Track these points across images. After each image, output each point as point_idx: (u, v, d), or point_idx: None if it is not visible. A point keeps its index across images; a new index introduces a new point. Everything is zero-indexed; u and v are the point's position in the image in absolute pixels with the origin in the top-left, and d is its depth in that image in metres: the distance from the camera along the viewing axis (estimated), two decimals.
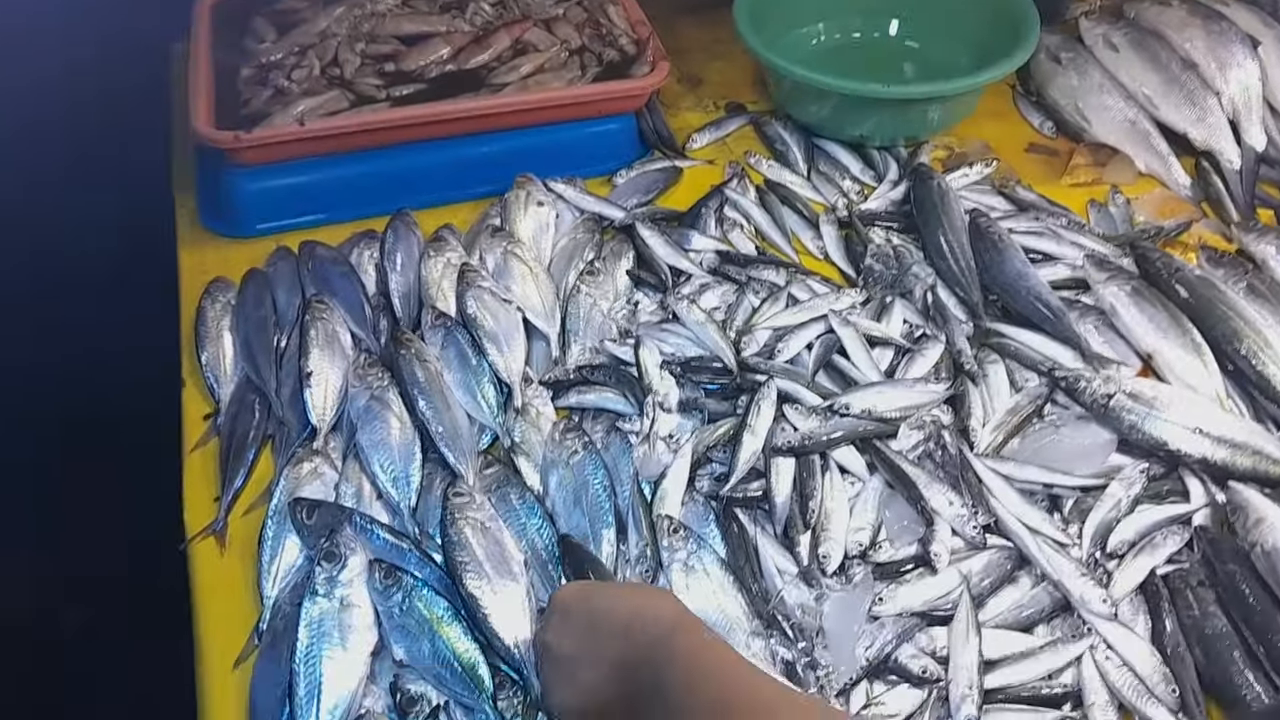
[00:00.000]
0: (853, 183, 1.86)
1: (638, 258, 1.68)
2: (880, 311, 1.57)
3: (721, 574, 1.22)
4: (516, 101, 1.75)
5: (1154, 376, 1.44)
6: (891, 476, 1.33)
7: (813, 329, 1.53)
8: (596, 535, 1.27)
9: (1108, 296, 1.50)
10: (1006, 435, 1.40)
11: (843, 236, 1.75)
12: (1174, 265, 1.52)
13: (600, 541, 1.27)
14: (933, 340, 1.50)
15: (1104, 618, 1.19)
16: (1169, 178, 1.85)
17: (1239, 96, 1.89)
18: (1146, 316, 1.46)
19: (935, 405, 1.41)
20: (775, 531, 1.30)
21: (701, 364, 1.48)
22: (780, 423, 1.39)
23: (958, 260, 1.63)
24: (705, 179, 1.88)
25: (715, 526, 1.30)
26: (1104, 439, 1.37)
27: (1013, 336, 1.52)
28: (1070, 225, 1.72)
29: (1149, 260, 1.55)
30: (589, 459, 1.33)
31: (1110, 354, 1.47)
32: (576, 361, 1.51)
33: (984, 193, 1.82)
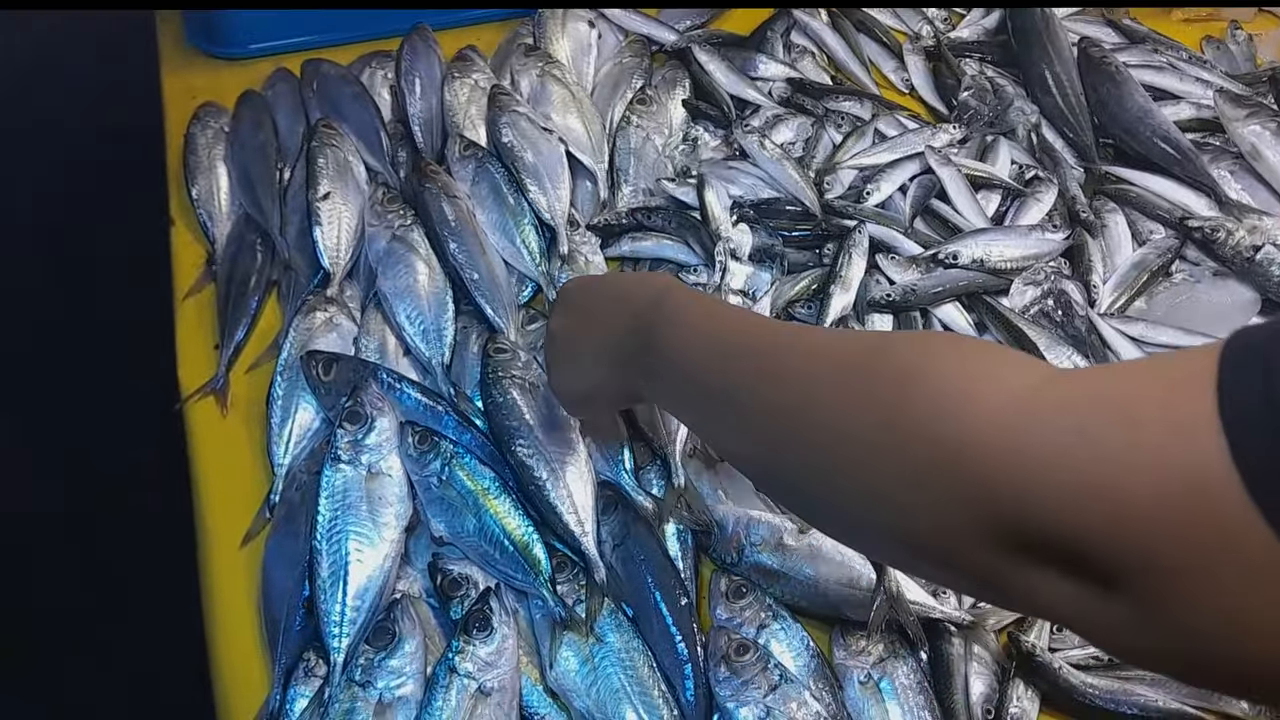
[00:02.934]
0: (939, 8, 1.64)
1: (695, 86, 1.47)
2: (982, 152, 1.37)
3: None
4: None
5: None
6: (1006, 337, 1.16)
7: (907, 168, 1.33)
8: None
9: (1249, 136, 1.31)
10: (1132, 294, 1.22)
11: (930, 68, 1.54)
12: None
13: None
14: (1047, 183, 1.31)
15: None
16: None
17: None
18: None
19: (1053, 257, 1.23)
20: None
21: (778, 207, 1.29)
22: (874, 274, 1.21)
23: (1066, 96, 1.42)
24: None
25: None
26: (1247, 298, 1.20)
27: (1135, 181, 1.33)
28: (1192, 60, 1.51)
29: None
30: None
31: (1251, 202, 1.28)
32: (629, 204, 1.31)
33: (1090, 23, 1.60)
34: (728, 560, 1.02)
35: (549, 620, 0.97)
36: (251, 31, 1.55)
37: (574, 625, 0.96)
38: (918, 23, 1.61)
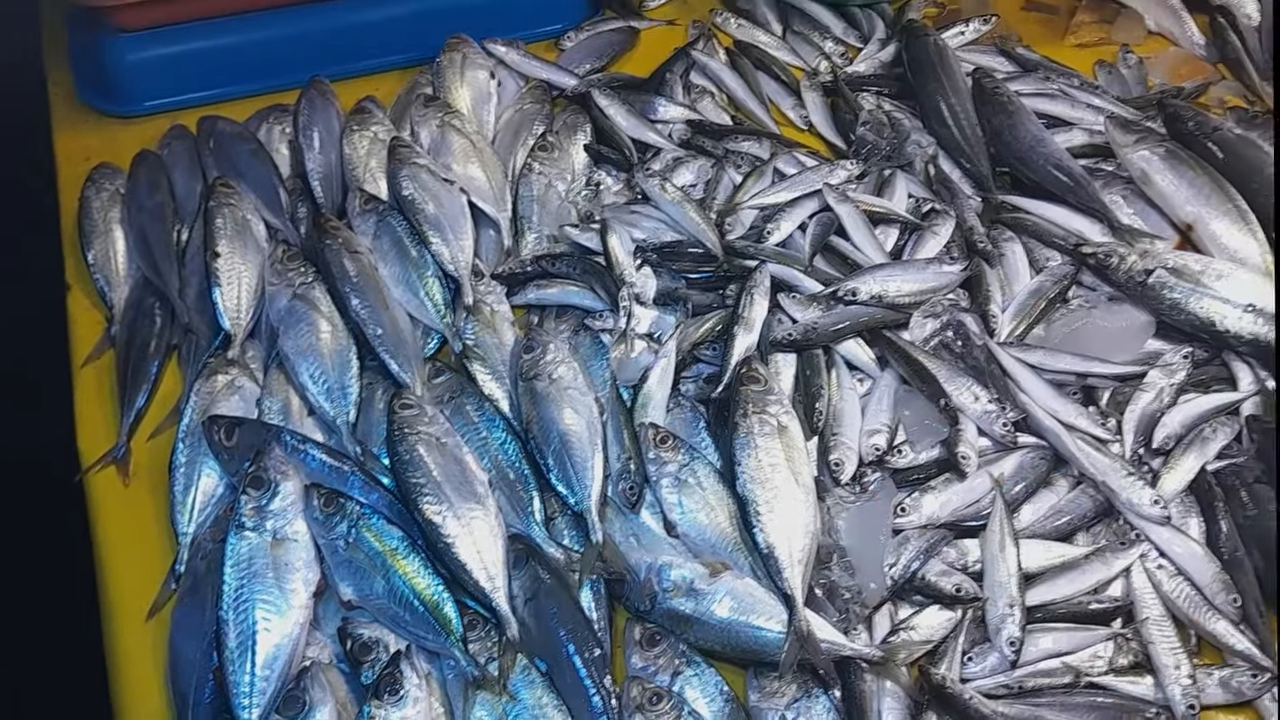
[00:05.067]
0: (835, 44, 1.70)
1: (596, 131, 1.51)
2: (880, 186, 1.43)
3: (718, 488, 1.09)
4: None
5: (1191, 249, 1.32)
6: (907, 371, 1.21)
7: (806, 206, 1.38)
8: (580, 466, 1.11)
9: (1138, 161, 1.38)
10: (1030, 322, 1.28)
11: (828, 104, 1.59)
12: (1210, 125, 1.40)
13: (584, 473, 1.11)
14: (943, 215, 1.37)
15: (1155, 522, 1.09)
16: (1182, 36, 1.72)
17: None
18: (1185, 182, 1.34)
19: (951, 289, 1.28)
20: None
21: (681, 250, 1.33)
22: (776, 313, 1.25)
23: (962, 127, 1.49)
24: (665, 42, 1.70)
25: (707, 434, 1.16)
26: (1141, 321, 1.26)
27: (1030, 210, 1.39)
28: (1083, 87, 1.59)
29: (1181, 120, 1.43)
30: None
31: (1142, 226, 1.35)
32: (533, 251, 1.34)
33: (983, 52, 1.67)
34: (641, 608, 1.04)
35: (462, 680, 0.98)
36: (145, 88, 1.56)
37: (487, 684, 0.97)
38: (816, 59, 1.66)
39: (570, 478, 1.09)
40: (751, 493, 1.06)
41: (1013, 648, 1.01)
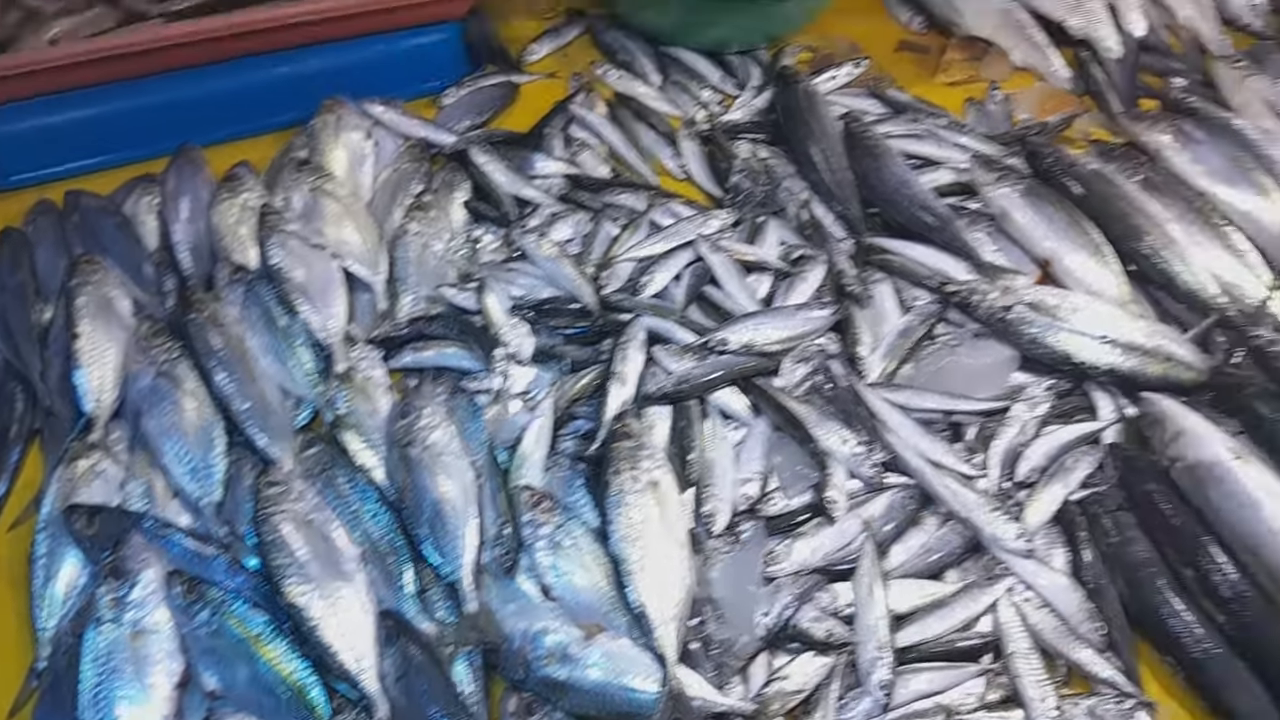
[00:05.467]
0: (712, 93, 1.73)
1: (474, 188, 1.51)
2: (753, 233, 1.45)
3: (595, 547, 1.09)
4: (315, 10, 1.53)
5: (1051, 284, 1.37)
6: (778, 417, 1.23)
7: (680, 258, 1.40)
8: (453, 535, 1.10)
9: (998, 199, 1.42)
10: (899, 361, 1.31)
11: (705, 153, 1.62)
12: (1068, 161, 1.45)
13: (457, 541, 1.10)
14: (813, 261, 1.39)
15: (1020, 555, 1.11)
16: (1048, 70, 1.79)
17: None
18: (1043, 218, 1.39)
19: (820, 333, 1.30)
20: None
21: (557, 306, 1.34)
22: (651, 366, 1.26)
23: (833, 171, 1.52)
24: (547, 96, 1.71)
25: (585, 492, 1.16)
26: (1004, 356, 1.29)
27: (898, 251, 1.43)
28: (950, 126, 1.63)
29: (1040, 157, 1.48)
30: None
31: (1004, 262, 1.39)
32: (409, 313, 1.34)
33: (856, 95, 1.71)
34: (516, 677, 1.04)
35: None
36: (9, 162, 1.53)
37: None
38: (694, 108, 1.69)
39: (443, 547, 1.08)
40: (623, 551, 1.07)
41: (884, 691, 1.03)
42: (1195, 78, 1.78)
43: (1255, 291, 1.34)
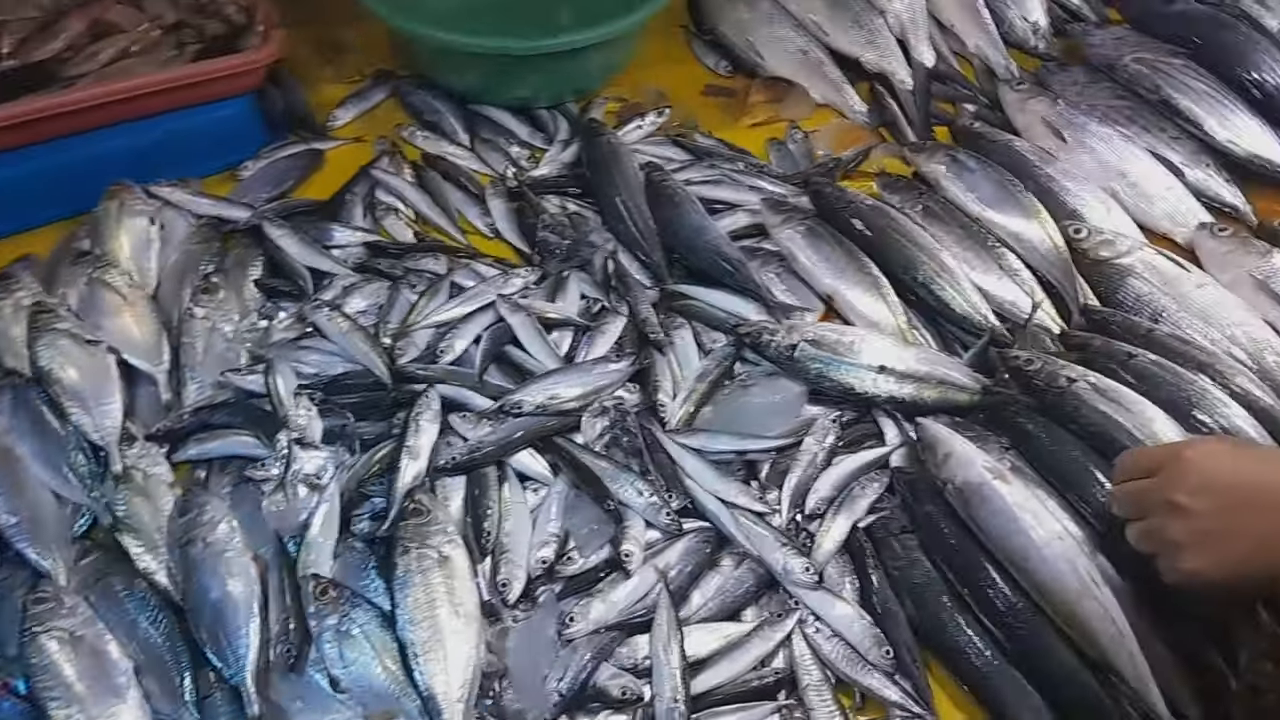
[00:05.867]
0: (521, 148, 1.75)
1: (269, 263, 1.49)
2: (555, 289, 1.47)
3: (383, 632, 1.08)
4: (95, 94, 1.50)
5: (838, 318, 1.41)
6: (576, 475, 1.23)
7: (481, 320, 1.40)
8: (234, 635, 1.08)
9: (784, 240, 1.47)
10: (698, 404, 1.33)
11: (514, 209, 1.63)
12: (846, 198, 1.50)
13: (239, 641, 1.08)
14: (613, 314, 1.41)
15: (808, 588, 1.14)
16: (845, 106, 1.85)
17: (905, 14, 1.92)
18: (822, 256, 1.44)
19: (619, 385, 1.32)
20: None
21: (350, 382, 1.33)
22: (446, 436, 1.26)
23: (635, 221, 1.55)
24: (353, 161, 1.71)
25: (377, 575, 1.15)
26: (795, 392, 1.33)
27: (696, 296, 1.46)
28: (749, 168, 1.68)
29: (822, 196, 1.53)
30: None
31: (794, 301, 1.44)
32: (195, 402, 1.31)
33: (660, 144, 1.75)
34: None
35: None
36: None
37: None
38: (503, 164, 1.70)
39: (224, 648, 1.06)
40: (409, 634, 1.06)
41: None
42: (985, 103, 1.88)
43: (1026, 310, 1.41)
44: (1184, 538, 0.96)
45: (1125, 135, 1.71)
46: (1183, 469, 0.96)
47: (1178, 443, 1.13)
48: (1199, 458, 0.97)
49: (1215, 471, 0.96)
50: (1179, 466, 0.97)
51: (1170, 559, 0.98)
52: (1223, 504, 0.95)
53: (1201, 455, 0.97)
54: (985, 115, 1.84)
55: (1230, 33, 1.80)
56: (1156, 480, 0.98)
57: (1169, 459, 0.98)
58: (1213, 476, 0.96)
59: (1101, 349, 1.32)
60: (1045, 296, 1.43)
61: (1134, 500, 1.01)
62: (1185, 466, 0.97)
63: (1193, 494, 0.95)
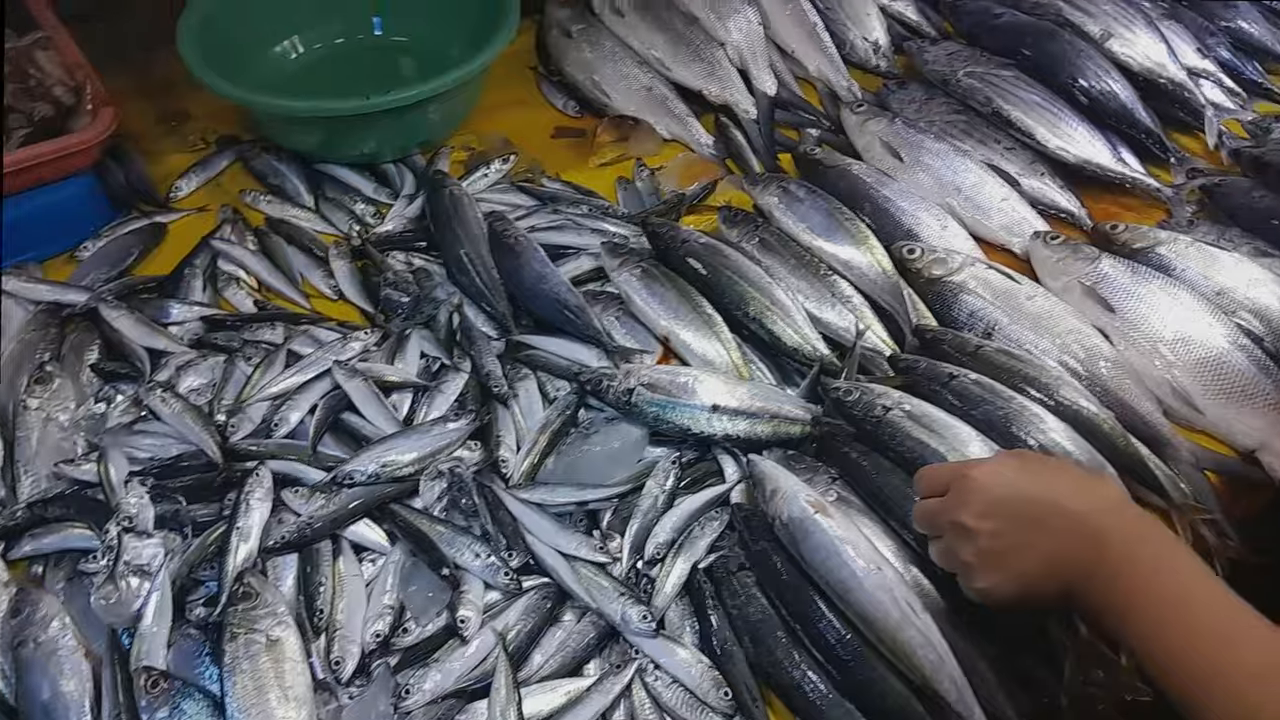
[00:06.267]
0: (366, 205, 1.75)
1: (106, 346, 1.48)
2: (397, 349, 1.47)
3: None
4: None
5: (676, 359, 1.43)
6: (411, 542, 1.23)
7: (319, 388, 1.40)
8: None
9: (621, 283, 1.49)
10: (541, 456, 1.34)
11: (358, 268, 1.63)
12: (680, 237, 1.53)
13: None
14: (453, 372, 1.42)
15: (647, 636, 1.15)
16: (691, 139, 1.88)
17: (744, 44, 1.96)
18: (657, 298, 1.46)
19: (459, 445, 1.33)
20: None
21: (184, 464, 1.31)
22: (278, 513, 1.25)
23: (479, 273, 1.55)
24: (199, 230, 1.69)
25: (210, 662, 1.14)
26: (635, 437, 1.34)
27: (539, 346, 1.47)
28: (593, 211, 1.70)
29: (658, 237, 1.55)
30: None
31: (634, 344, 1.45)
32: (29, 497, 1.29)
33: (505, 191, 1.76)
34: None
35: None
36: None
37: None
38: (347, 222, 1.70)
39: None
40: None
41: None
42: (828, 127, 1.92)
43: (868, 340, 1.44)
44: (972, 558, 0.99)
45: (961, 150, 1.76)
46: (968, 489, 0.99)
47: (964, 463, 1.16)
48: (983, 477, 1.00)
49: (999, 492, 0.99)
50: (964, 486, 1.00)
51: (964, 578, 1.01)
52: (1007, 525, 0.97)
53: (985, 475, 1.00)
54: (829, 139, 1.89)
55: (1056, 42, 1.87)
56: (945, 500, 1.01)
57: (955, 479, 1.01)
58: (997, 497, 0.99)
59: (925, 371, 1.35)
60: (875, 321, 1.47)
61: (928, 520, 1.04)
62: (969, 486, 1.00)
63: (978, 516, 0.98)
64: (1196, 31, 1.99)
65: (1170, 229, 1.67)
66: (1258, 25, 2.05)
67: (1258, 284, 1.53)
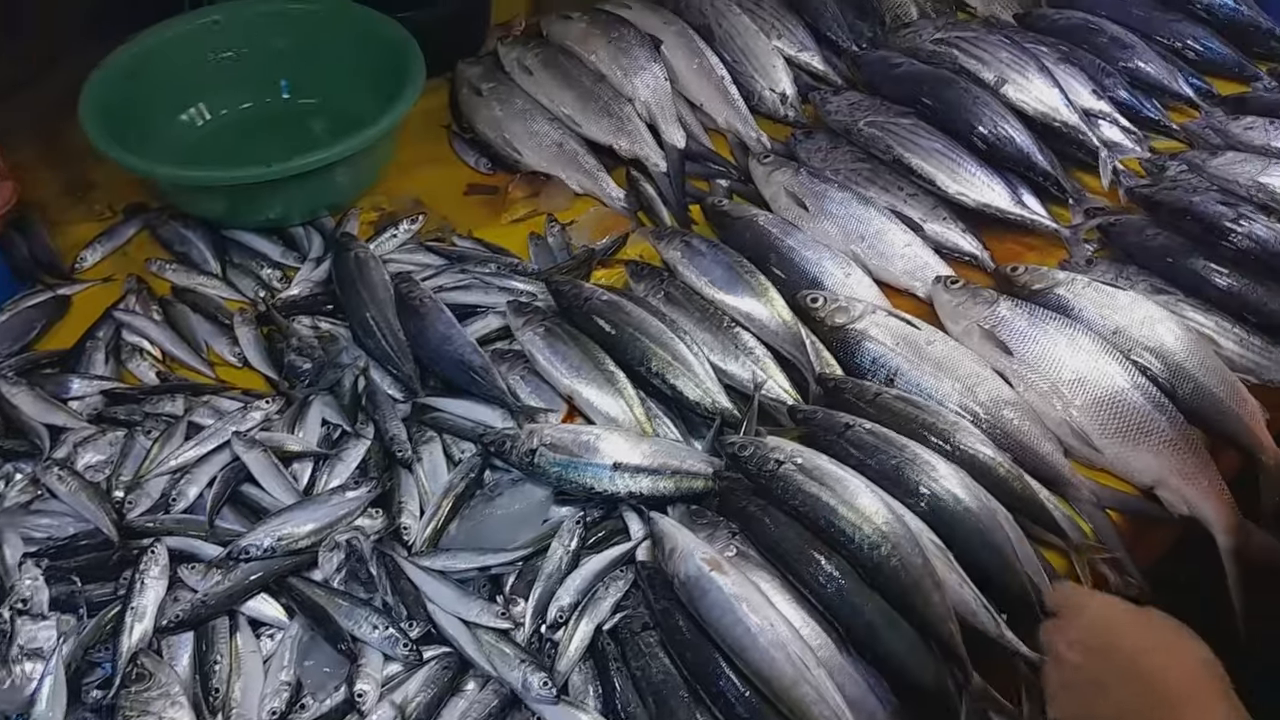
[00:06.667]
0: (273, 269, 1.74)
1: (5, 423, 1.46)
2: (298, 417, 1.46)
3: None
4: None
5: (581, 417, 1.44)
6: (308, 616, 1.23)
7: (218, 460, 1.39)
8: None
9: (525, 342, 1.50)
10: (444, 521, 1.34)
11: (264, 335, 1.63)
12: (584, 295, 1.54)
13: None
14: (354, 439, 1.42)
15: (548, 702, 1.15)
16: (603, 194, 1.90)
17: (652, 100, 1.99)
18: (560, 356, 1.47)
19: (359, 514, 1.32)
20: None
21: (82, 543, 1.30)
22: (174, 591, 1.24)
23: (385, 336, 1.56)
24: (104, 301, 1.68)
25: None
26: (539, 497, 1.35)
27: (444, 408, 1.47)
28: (502, 269, 1.71)
29: (562, 294, 1.56)
30: None
31: (539, 403, 1.46)
32: None
33: (413, 251, 1.77)
34: None
35: None
36: None
37: None
38: (254, 289, 1.70)
39: None
40: None
41: None
42: (738, 178, 1.95)
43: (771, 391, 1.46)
44: (1054, 687, 1.02)
45: (864, 197, 1.80)
46: (1070, 616, 1.04)
47: (1079, 590, 1.20)
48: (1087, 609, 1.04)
49: (1095, 628, 1.02)
50: (1068, 613, 1.05)
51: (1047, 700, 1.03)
52: (1094, 664, 0.99)
53: (1091, 608, 1.05)
54: (739, 190, 1.92)
55: (953, 90, 1.92)
56: (1054, 621, 1.06)
57: (1064, 604, 1.07)
58: (1092, 633, 1.02)
59: (822, 422, 1.37)
60: (778, 372, 1.49)
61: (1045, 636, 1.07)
62: (1072, 615, 1.04)
63: (1070, 645, 1.02)
64: (1093, 73, 2.05)
65: (1070, 269, 1.73)
66: (1154, 64, 2.11)
67: (1153, 321, 1.57)
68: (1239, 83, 2.13)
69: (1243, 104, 2.00)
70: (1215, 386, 1.51)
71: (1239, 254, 1.64)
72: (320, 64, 1.93)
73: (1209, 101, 2.06)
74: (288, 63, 1.93)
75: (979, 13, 2.35)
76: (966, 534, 1.26)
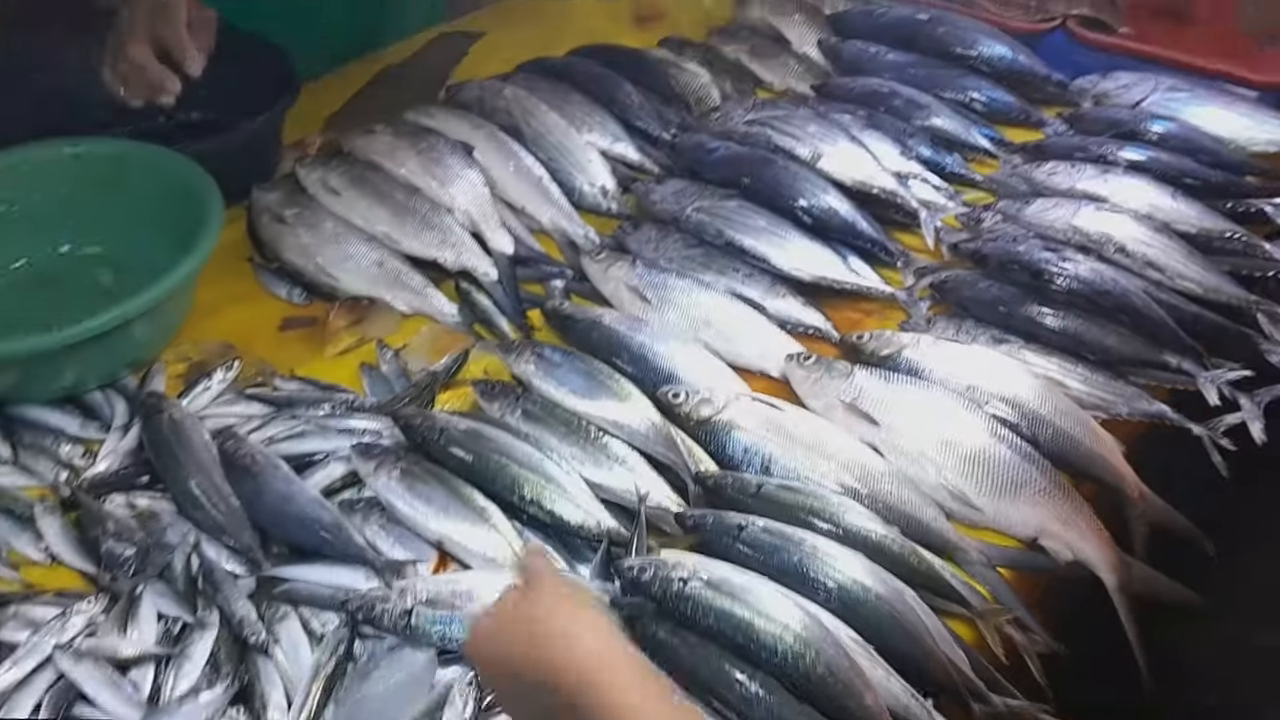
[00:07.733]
0: (73, 446, 1.56)
1: None
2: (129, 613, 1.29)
3: None
4: None
5: (455, 562, 1.34)
6: None
7: (40, 683, 1.21)
8: None
9: (380, 488, 1.39)
10: (316, 708, 1.21)
11: (72, 523, 1.45)
12: (437, 425, 1.45)
13: None
14: (198, 629, 1.27)
15: None
16: (434, 310, 1.82)
17: (471, 207, 1.94)
18: (422, 499, 1.37)
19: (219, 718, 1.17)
20: None
21: None
22: None
23: (215, 504, 1.41)
24: None
25: None
26: (421, 661, 1.24)
27: (295, 576, 1.34)
28: (338, 408, 1.59)
29: (413, 428, 1.47)
30: None
31: (405, 554, 1.35)
32: None
33: (233, 403, 1.62)
34: None
35: None
36: None
37: None
38: (53, 470, 1.51)
39: None
40: None
41: None
42: (573, 276, 1.91)
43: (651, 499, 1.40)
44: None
45: (703, 283, 1.79)
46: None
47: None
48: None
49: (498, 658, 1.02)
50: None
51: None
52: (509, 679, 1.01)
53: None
54: (577, 289, 1.88)
55: (772, 168, 1.96)
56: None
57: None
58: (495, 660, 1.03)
59: (714, 526, 1.33)
60: (656, 478, 1.44)
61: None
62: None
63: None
64: (897, 135, 2.13)
65: (912, 329, 1.77)
66: (949, 119, 2.22)
67: (1001, 372, 1.62)
68: (1029, 129, 2.27)
69: (1041, 151, 2.13)
70: (1072, 428, 1.56)
71: (1069, 295, 1.72)
72: (102, 209, 1.77)
73: (1005, 150, 2.17)
74: (66, 211, 1.76)
75: (775, 87, 2.43)
76: (880, 622, 1.23)
